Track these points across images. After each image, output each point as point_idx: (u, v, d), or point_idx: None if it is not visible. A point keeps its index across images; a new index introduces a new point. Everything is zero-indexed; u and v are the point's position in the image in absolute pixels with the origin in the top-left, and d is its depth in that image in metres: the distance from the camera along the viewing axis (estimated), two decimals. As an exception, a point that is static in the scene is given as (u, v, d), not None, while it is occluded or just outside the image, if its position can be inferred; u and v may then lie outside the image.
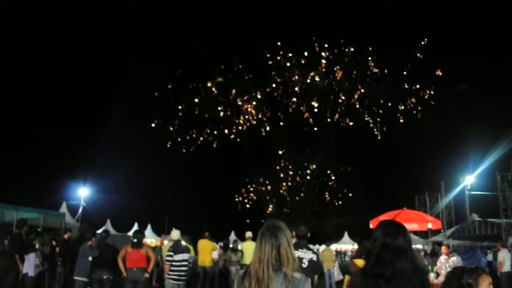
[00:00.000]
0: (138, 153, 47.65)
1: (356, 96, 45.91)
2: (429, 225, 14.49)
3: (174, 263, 9.56)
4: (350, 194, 45.81)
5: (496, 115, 42.53)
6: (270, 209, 45.89)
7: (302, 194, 45.99)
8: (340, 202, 46.04)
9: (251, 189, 46.29)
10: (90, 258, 9.73)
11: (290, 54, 46.90)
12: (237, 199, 47.47)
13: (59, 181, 40.16)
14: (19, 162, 42.70)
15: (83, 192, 36.86)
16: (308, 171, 47.09)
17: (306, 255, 5.96)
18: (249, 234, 14.68)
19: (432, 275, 11.45)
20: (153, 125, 49.32)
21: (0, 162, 38.57)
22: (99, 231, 16.85)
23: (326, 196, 46.61)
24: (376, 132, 45.41)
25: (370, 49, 45.39)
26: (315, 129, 46.38)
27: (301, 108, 46.94)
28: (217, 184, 49.04)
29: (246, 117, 46.55)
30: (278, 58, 46.91)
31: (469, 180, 34.84)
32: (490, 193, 33.34)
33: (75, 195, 36.48)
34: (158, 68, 48.78)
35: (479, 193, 34.59)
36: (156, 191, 49.74)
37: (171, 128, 48.72)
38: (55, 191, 36.27)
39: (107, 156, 46.13)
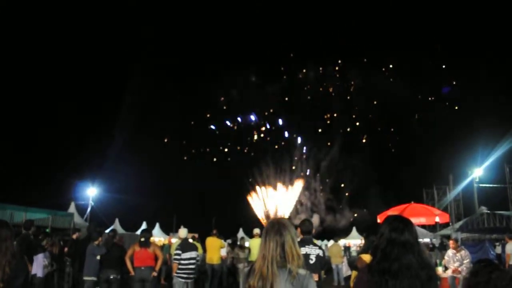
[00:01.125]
0: (146, 152, 47.81)
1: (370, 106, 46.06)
2: (437, 219, 14.44)
3: (182, 261, 9.59)
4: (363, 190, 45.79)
5: (504, 107, 42.32)
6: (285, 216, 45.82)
7: (316, 208, 46.13)
8: (355, 197, 46.08)
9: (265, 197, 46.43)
10: (98, 257, 9.78)
11: (304, 70, 47.18)
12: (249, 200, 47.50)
13: (68, 181, 40.39)
14: (27, 163, 43.00)
15: (91, 192, 37.04)
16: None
17: (313, 251, 5.97)
18: (256, 231, 14.68)
19: (440, 269, 11.43)
20: (165, 140, 49.83)
21: (8, 163, 38.82)
22: (107, 231, 16.93)
23: (341, 192, 46.73)
24: (389, 145, 45.54)
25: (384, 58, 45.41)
26: (328, 143, 46.67)
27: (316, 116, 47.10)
28: (226, 183, 49.21)
29: (261, 128, 46.67)
30: (290, 68, 47.26)
31: (477, 173, 34.63)
32: (498, 185, 33.16)
33: (83, 195, 36.68)
34: (167, 77, 49.13)
35: (488, 185, 34.39)
36: (164, 190, 49.92)
37: (184, 142, 49.06)
38: (63, 191, 36.52)
39: (115, 155, 46.42)
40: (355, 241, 42.16)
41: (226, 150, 47.77)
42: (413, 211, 13.98)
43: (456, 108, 46.82)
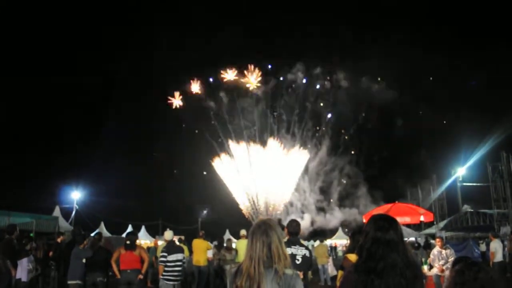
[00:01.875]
0: (131, 155, 47.57)
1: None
2: (421, 218, 14.56)
3: (168, 264, 9.55)
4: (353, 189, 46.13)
5: (486, 108, 42.95)
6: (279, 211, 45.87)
7: (306, 209, 46.18)
8: (343, 197, 46.28)
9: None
10: (84, 260, 9.69)
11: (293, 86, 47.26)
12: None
13: (52, 184, 40.00)
14: (11, 167, 42.48)
15: (76, 195, 36.71)
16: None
17: (299, 252, 5.98)
18: (243, 232, 14.66)
19: (425, 268, 11.53)
20: (154, 154, 49.44)
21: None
22: (92, 234, 16.79)
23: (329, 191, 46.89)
24: (376, 148, 45.95)
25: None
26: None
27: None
28: (211, 183, 49.21)
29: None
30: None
31: (460, 172, 35.06)
32: (481, 184, 33.55)
33: (68, 198, 36.33)
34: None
35: (471, 184, 34.80)
36: (150, 192, 49.67)
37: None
38: (48, 195, 36.11)
39: (99, 158, 46.07)
40: (341, 241, 42.43)
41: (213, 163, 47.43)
42: (398, 210, 14.07)
43: (444, 122, 47.52)
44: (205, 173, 47.56)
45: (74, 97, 52.30)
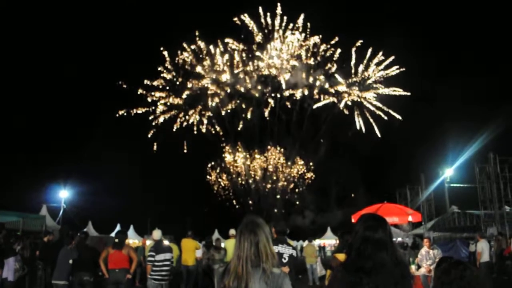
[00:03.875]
0: (119, 154, 47.18)
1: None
2: (410, 218, 14.65)
3: (156, 263, 9.53)
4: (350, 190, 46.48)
5: (474, 108, 43.31)
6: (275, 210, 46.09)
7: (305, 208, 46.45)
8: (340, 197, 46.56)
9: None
10: (70, 261, 9.62)
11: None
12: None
13: (39, 183, 39.59)
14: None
15: (63, 194, 36.38)
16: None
17: (286, 251, 6.04)
18: (232, 231, 14.66)
19: (413, 267, 11.62)
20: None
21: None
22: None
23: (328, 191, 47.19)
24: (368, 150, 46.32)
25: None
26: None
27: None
28: (200, 183, 49.15)
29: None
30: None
31: (448, 173, 35.29)
32: (469, 185, 33.75)
33: (55, 197, 35.99)
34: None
35: (458, 185, 35.02)
36: (138, 191, 49.33)
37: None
38: (35, 193, 35.74)
39: (88, 157, 45.78)
40: (329, 241, 42.60)
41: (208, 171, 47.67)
42: (386, 210, 14.13)
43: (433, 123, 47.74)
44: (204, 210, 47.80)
45: (63, 95, 51.82)
